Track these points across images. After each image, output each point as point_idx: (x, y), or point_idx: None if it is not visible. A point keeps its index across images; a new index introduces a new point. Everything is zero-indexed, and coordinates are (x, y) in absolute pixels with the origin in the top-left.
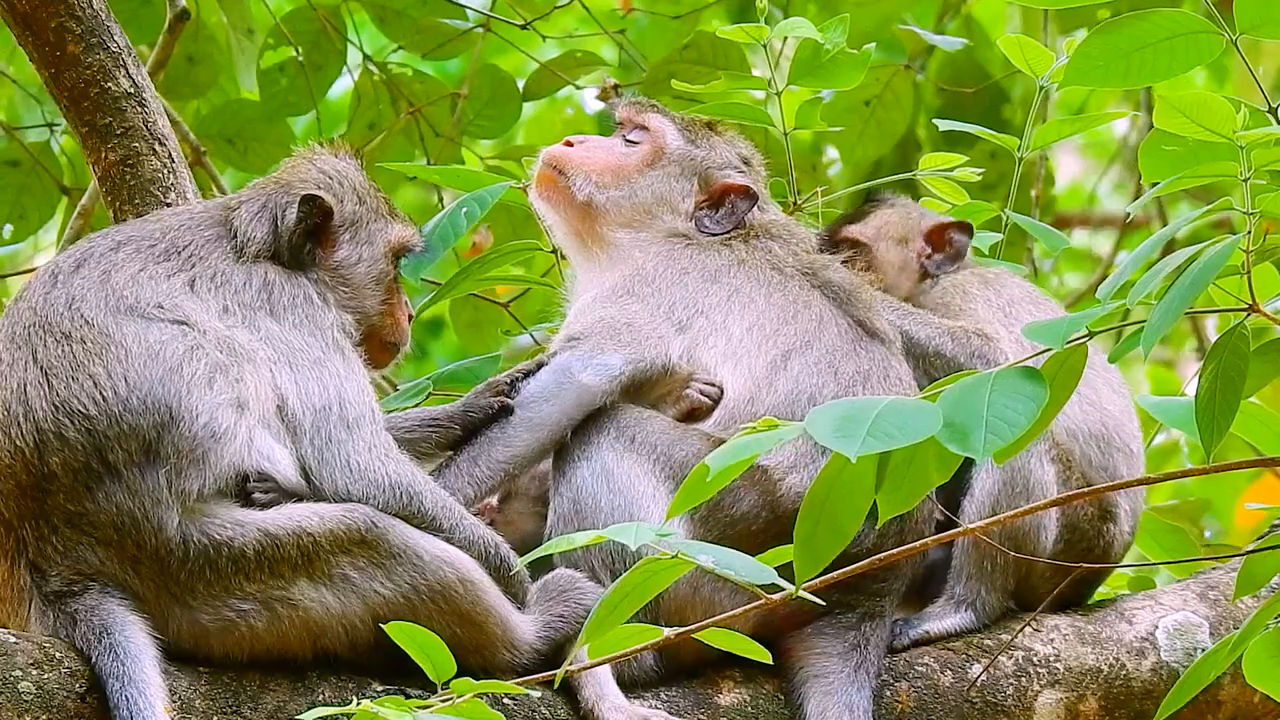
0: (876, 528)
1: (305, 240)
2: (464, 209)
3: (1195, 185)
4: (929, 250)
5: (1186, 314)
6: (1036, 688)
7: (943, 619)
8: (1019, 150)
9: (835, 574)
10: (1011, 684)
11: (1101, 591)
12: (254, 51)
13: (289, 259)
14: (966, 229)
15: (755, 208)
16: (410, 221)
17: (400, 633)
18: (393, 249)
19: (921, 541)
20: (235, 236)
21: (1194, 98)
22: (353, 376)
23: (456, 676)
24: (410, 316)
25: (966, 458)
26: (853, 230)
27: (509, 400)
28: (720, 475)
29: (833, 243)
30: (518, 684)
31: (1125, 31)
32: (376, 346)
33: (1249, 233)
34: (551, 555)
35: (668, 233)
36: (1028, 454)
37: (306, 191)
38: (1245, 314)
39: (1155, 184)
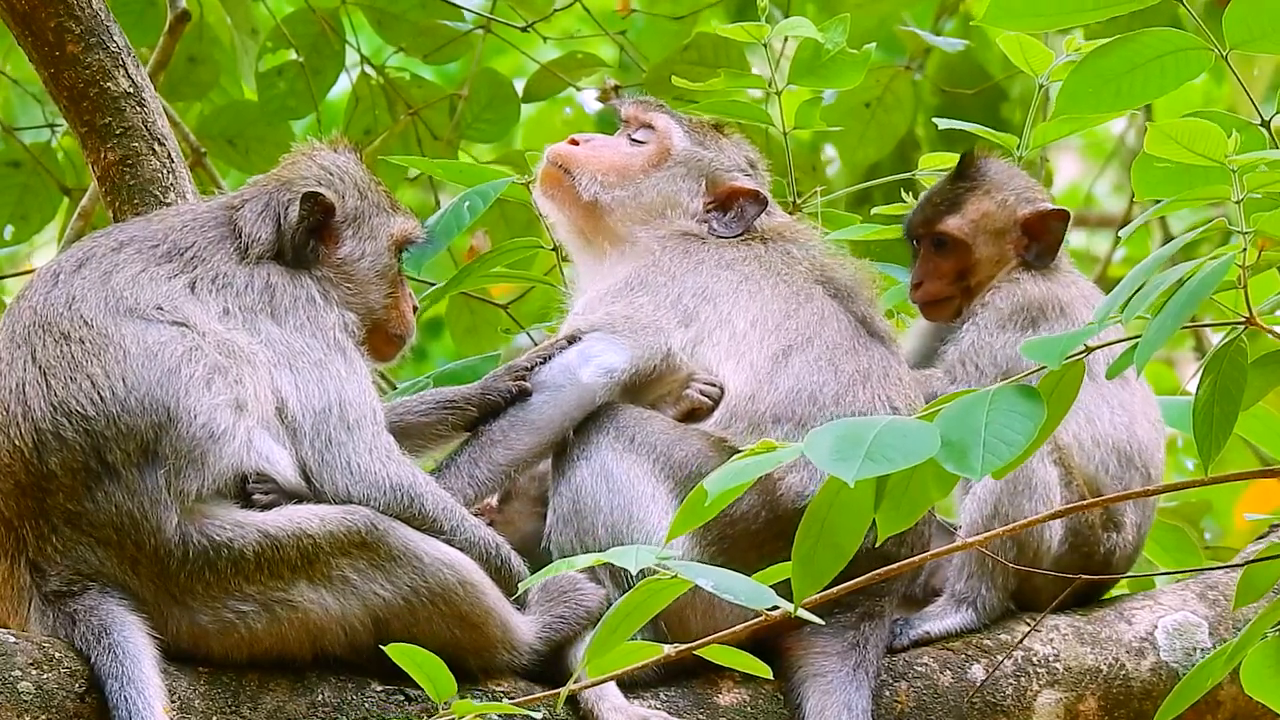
0: (877, 545)
1: (308, 238)
2: (466, 203)
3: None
4: (1025, 240)
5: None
6: (1036, 687)
7: (943, 619)
8: (1018, 149)
9: (835, 589)
10: (1011, 684)
11: None
12: (256, 52)
13: (292, 258)
14: (1064, 217)
15: (764, 213)
16: (412, 214)
17: (400, 653)
18: (395, 242)
19: (920, 556)
20: (240, 237)
21: (1186, 125)
22: (354, 378)
23: (455, 677)
24: (415, 308)
25: None
26: (951, 225)
27: (527, 385)
28: (719, 499)
29: (929, 234)
30: (518, 704)
31: (1115, 55)
32: (382, 339)
33: (1244, 250)
34: (551, 554)
35: (678, 232)
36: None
37: (307, 189)
38: (1243, 327)
39: (1149, 202)
